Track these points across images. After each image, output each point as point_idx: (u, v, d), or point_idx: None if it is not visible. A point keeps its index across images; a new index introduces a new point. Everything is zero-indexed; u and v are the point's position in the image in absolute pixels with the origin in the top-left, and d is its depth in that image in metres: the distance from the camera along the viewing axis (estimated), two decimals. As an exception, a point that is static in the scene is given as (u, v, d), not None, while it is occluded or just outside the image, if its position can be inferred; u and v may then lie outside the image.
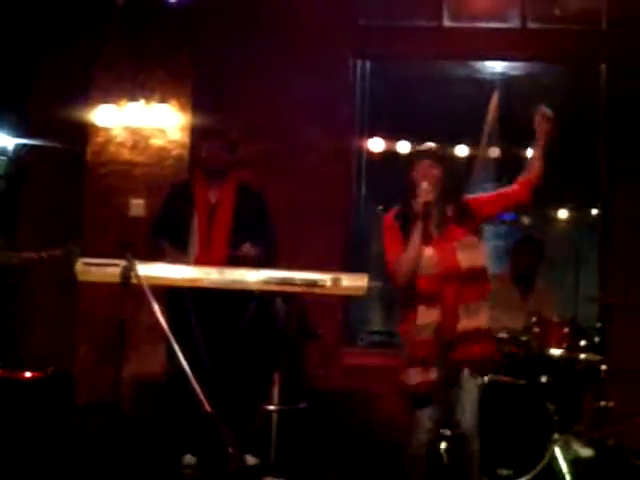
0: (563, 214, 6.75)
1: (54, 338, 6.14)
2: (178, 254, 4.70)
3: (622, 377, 5.38)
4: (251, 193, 4.98)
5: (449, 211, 4.14)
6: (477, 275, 4.10)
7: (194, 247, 4.80)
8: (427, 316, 4.04)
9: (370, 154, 6.68)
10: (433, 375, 4.02)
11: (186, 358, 3.83)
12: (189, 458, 4.67)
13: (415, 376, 4.05)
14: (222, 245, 4.79)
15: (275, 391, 4.59)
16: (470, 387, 4.11)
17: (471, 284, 4.08)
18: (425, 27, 6.55)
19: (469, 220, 4.14)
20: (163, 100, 6.16)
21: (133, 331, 5.30)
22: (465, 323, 4.04)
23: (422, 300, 4.05)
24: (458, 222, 4.14)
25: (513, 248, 5.87)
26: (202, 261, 4.67)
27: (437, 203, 4.09)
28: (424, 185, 4.04)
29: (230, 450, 3.98)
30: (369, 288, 4.28)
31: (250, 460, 4.58)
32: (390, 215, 4.16)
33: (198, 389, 3.78)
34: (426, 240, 4.09)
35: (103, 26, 6.17)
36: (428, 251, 4.09)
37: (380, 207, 6.76)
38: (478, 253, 4.14)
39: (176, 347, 3.81)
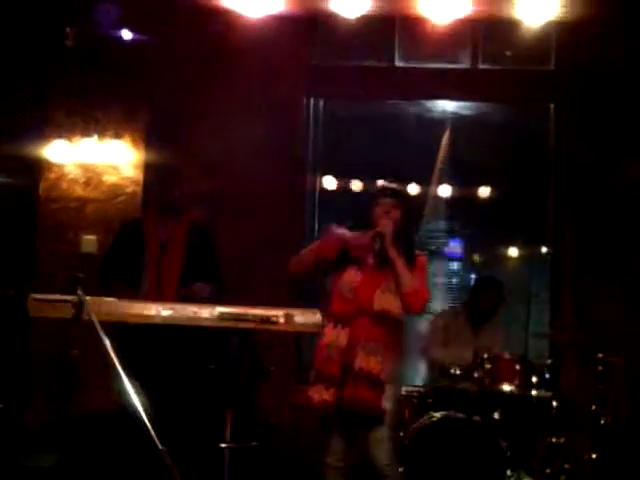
0: (514, 252, 6.82)
1: (4, 374, 6.03)
2: (128, 291, 4.67)
3: (573, 413, 5.42)
4: (201, 231, 5.00)
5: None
6: (389, 320, 4.12)
7: (145, 285, 4.78)
8: (333, 336, 4.09)
9: (323, 192, 6.71)
10: (332, 396, 4.04)
11: (137, 394, 3.79)
12: None
13: (317, 393, 4.08)
14: (172, 283, 4.80)
15: (227, 429, 4.56)
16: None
17: (381, 326, 4.10)
18: (377, 67, 6.64)
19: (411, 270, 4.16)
20: (116, 136, 6.15)
21: (84, 367, 5.27)
22: (361, 360, 4.04)
23: (333, 319, 4.11)
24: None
25: (473, 287, 5.93)
26: (152, 299, 4.63)
27: (391, 241, 4.14)
28: (384, 220, 4.09)
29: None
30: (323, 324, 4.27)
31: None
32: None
33: (149, 426, 3.73)
34: (360, 266, 4.14)
35: (56, 62, 6.15)
36: (354, 276, 4.13)
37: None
38: (398, 302, 4.16)
39: (126, 383, 3.77)
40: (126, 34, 6.04)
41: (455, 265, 6.93)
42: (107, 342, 3.82)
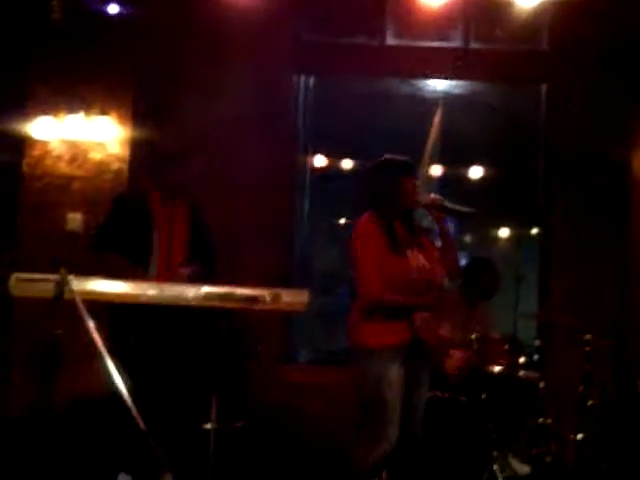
0: (504, 232, 6.81)
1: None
2: (130, 266, 4.63)
3: (560, 394, 5.44)
4: (199, 211, 4.97)
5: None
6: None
7: (155, 260, 4.71)
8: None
9: (313, 169, 6.67)
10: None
11: (123, 375, 3.77)
12: (123, 477, 4.59)
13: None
14: (180, 258, 4.76)
15: (213, 409, 4.55)
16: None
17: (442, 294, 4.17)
18: (368, 44, 6.59)
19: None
20: (102, 113, 6.06)
21: (69, 347, 5.23)
22: (443, 331, 4.12)
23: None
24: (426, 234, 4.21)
25: (467, 267, 5.90)
26: (163, 274, 4.64)
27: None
28: (424, 193, 4.14)
29: (166, 469, 3.91)
30: (310, 304, 4.25)
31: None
32: (367, 219, 4.12)
33: (134, 407, 3.71)
34: (407, 248, 4.09)
35: (41, 38, 6.07)
36: (419, 258, 4.09)
37: (326, 223, 6.75)
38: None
39: (110, 364, 3.74)
40: (112, 8, 5.96)
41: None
42: (91, 322, 3.80)
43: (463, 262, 6.21)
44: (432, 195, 4.17)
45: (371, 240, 4.05)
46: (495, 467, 4.81)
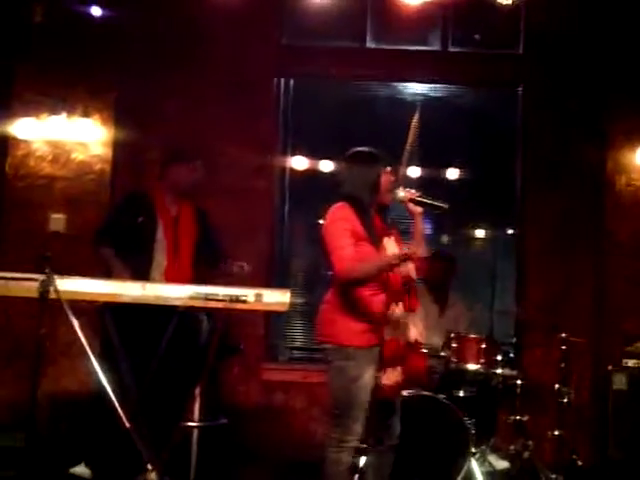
0: (481, 233, 6.88)
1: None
2: (123, 266, 4.76)
3: (536, 391, 5.53)
4: (203, 211, 5.19)
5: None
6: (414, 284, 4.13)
7: (161, 258, 4.91)
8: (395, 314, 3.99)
9: (293, 171, 6.72)
10: (399, 377, 4.01)
11: (108, 373, 3.81)
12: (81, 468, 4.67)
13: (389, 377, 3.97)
14: (188, 256, 4.98)
15: (196, 407, 4.59)
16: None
17: (412, 293, 4.11)
18: (348, 48, 6.65)
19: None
20: (85, 114, 6.09)
21: (53, 347, 5.27)
22: (411, 332, 4.09)
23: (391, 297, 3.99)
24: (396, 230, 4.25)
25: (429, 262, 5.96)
26: (171, 271, 4.85)
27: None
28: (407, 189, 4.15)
29: (149, 467, 3.95)
30: (292, 304, 4.30)
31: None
32: (343, 206, 4.07)
33: (118, 405, 3.75)
34: (381, 238, 4.06)
35: (25, 40, 6.09)
36: (394, 250, 4.05)
37: (306, 224, 6.78)
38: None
39: (95, 362, 3.78)
40: (95, 11, 6.00)
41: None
42: (75, 321, 3.84)
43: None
44: (408, 189, 4.21)
45: (348, 223, 3.99)
46: (473, 463, 4.88)
